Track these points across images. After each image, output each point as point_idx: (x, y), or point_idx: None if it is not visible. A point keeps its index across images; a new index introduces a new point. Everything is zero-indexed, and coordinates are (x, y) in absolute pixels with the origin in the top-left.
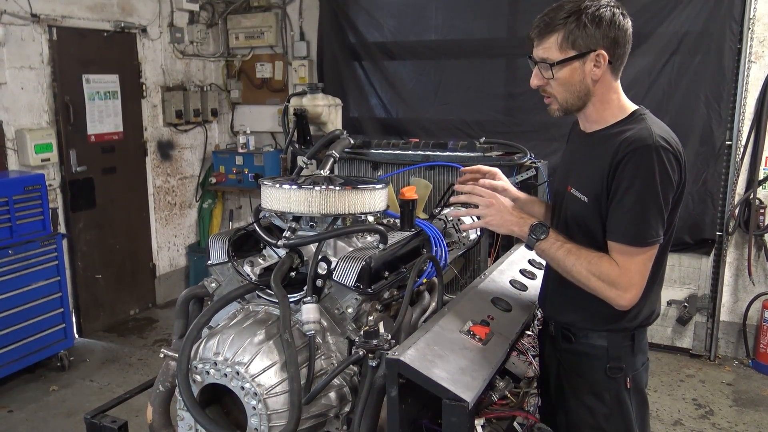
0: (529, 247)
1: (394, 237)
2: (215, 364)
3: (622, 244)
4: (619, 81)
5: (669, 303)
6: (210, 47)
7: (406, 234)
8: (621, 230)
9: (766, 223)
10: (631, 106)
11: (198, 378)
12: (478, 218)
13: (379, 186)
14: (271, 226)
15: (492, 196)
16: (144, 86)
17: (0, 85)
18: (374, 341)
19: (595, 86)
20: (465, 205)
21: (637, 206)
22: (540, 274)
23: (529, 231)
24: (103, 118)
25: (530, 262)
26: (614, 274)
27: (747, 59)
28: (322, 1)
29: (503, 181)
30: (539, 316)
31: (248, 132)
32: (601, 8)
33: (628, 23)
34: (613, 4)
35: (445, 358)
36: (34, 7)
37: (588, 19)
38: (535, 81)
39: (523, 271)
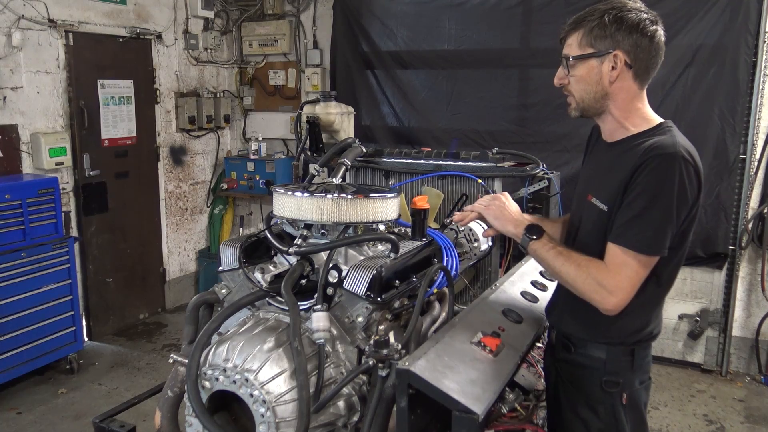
0: (523, 247)
1: (406, 246)
2: (224, 370)
3: (622, 247)
4: (645, 92)
5: (680, 317)
6: (224, 54)
7: (418, 243)
8: (624, 233)
9: None
10: (657, 119)
11: (207, 384)
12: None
13: (391, 195)
14: (283, 233)
15: (495, 197)
16: (158, 92)
17: (16, 89)
18: (384, 351)
19: (614, 91)
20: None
21: (647, 213)
22: (552, 285)
23: (525, 231)
24: (117, 122)
25: (542, 273)
26: (602, 276)
27: (762, 73)
28: (336, 9)
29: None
30: None
31: (260, 139)
32: (627, 11)
33: (659, 32)
34: (643, 9)
35: (456, 369)
36: (52, 13)
37: (610, 19)
38: (556, 79)
39: (534, 283)
